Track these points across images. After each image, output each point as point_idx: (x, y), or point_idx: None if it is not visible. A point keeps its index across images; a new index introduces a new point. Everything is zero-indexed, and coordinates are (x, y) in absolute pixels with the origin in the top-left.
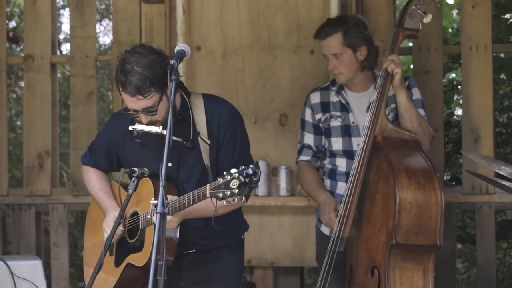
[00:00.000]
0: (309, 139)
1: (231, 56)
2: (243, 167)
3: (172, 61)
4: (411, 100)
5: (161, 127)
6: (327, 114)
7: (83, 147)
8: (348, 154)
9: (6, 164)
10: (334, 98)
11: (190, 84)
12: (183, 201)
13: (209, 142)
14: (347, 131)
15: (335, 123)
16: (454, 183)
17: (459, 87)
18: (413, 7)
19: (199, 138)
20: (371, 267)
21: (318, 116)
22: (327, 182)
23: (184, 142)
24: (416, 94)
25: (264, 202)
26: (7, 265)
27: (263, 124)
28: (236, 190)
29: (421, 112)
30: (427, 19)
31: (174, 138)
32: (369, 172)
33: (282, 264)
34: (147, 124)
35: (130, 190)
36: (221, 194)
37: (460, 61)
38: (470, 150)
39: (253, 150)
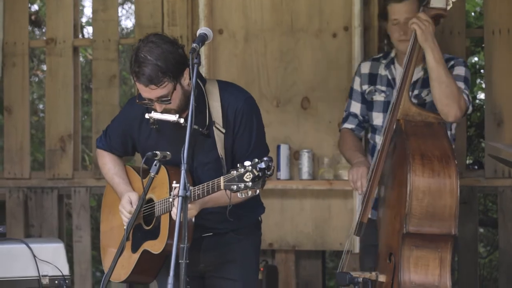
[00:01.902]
0: (356, 107)
1: (253, 39)
2: (256, 160)
3: (194, 45)
4: (442, 59)
5: (177, 115)
6: (372, 87)
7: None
8: None
9: (28, 147)
10: (382, 71)
11: (212, 68)
12: (198, 191)
13: (224, 131)
14: (389, 107)
15: (379, 97)
16: (476, 167)
17: (482, 71)
18: None
19: (214, 127)
20: (388, 253)
21: (365, 87)
22: (368, 158)
23: (200, 129)
24: (458, 70)
25: (286, 185)
26: (29, 248)
27: (285, 107)
28: (250, 184)
29: (459, 84)
30: None
31: None
32: (392, 156)
33: (303, 247)
34: (162, 112)
35: (152, 173)
36: (235, 187)
37: (483, 45)
38: (492, 134)
39: (275, 133)
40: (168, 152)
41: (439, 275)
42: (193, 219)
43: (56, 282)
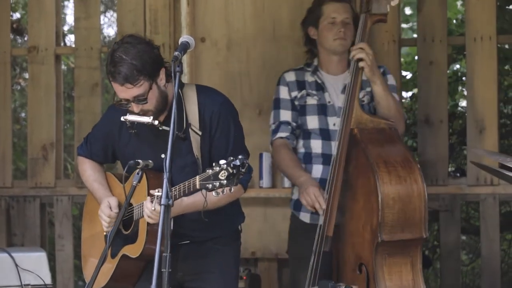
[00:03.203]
0: (286, 115)
1: (235, 47)
2: (231, 158)
3: (176, 53)
4: (387, 86)
5: (151, 117)
6: (303, 91)
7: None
8: (324, 133)
9: (10, 155)
10: (309, 78)
11: (194, 76)
12: (174, 192)
13: (200, 133)
14: (323, 109)
15: (312, 101)
16: (458, 174)
17: (464, 78)
18: None
19: (190, 129)
20: (358, 264)
21: (294, 93)
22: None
23: (177, 132)
24: (390, 80)
25: (269, 193)
26: (11, 257)
27: (268, 115)
28: (225, 181)
29: (395, 95)
30: (395, 1)
31: (165, 128)
32: (349, 166)
33: (286, 256)
34: (139, 114)
35: (134, 182)
36: (210, 186)
37: (465, 52)
38: (474, 142)
39: (257, 141)
40: (150, 161)
41: (413, 280)
42: (171, 225)
43: None
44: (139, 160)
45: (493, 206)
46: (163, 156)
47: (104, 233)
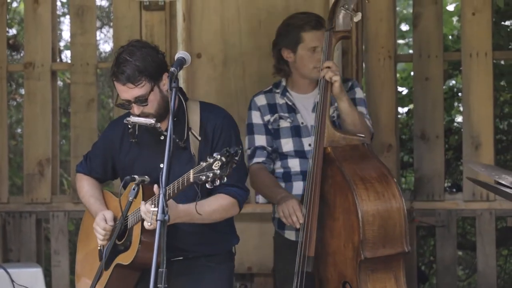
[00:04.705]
0: (261, 140)
1: (231, 63)
2: (226, 148)
3: (172, 69)
4: (352, 103)
5: (154, 119)
6: (276, 115)
7: (83, 154)
8: (300, 154)
9: (6, 171)
10: (279, 100)
11: (191, 92)
12: (169, 191)
13: (199, 138)
14: (297, 131)
15: (285, 124)
16: (454, 190)
17: (460, 94)
18: (342, 8)
19: (190, 133)
20: (342, 282)
21: (267, 117)
22: (282, 185)
23: (177, 140)
24: (359, 93)
25: (265, 209)
26: (7, 272)
27: None
28: (218, 171)
29: (363, 110)
30: (357, 17)
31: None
32: (325, 185)
33: None
34: (140, 116)
35: (130, 198)
36: (204, 177)
37: (461, 68)
38: (470, 157)
39: None
40: (146, 176)
41: None
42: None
43: None
44: (135, 176)
45: (489, 222)
46: (161, 165)
47: (99, 248)
